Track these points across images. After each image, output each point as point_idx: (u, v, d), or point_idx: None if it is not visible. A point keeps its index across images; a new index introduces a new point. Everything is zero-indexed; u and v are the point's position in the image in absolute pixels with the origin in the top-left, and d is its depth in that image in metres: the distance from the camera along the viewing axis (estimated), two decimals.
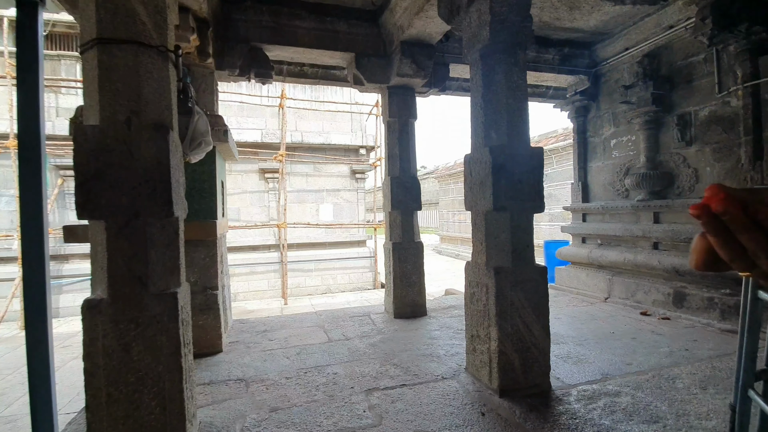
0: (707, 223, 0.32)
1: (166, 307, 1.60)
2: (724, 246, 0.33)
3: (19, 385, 4.55)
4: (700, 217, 0.33)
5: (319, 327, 3.60)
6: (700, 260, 0.35)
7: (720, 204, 0.31)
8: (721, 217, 0.32)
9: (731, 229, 0.32)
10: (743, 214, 0.31)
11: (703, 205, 0.32)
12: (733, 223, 0.31)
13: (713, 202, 0.32)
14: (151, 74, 1.62)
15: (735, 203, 0.31)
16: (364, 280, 10.00)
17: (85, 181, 1.50)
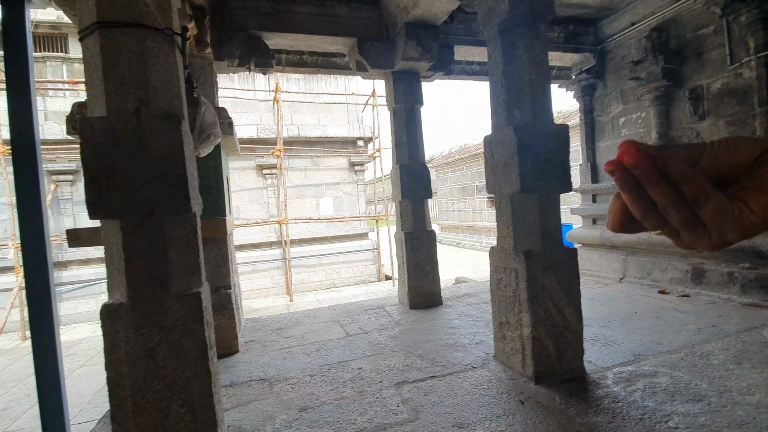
0: (620, 178, 0.33)
1: (190, 308, 1.50)
2: (636, 202, 0.33)
3: (25, 398, 4.44)
4: (614, 173, 0.33)
5: (334, 322, 3.52)
6: (615, 220, 0.36)
7: (631, 158, 0.32)
8: (633, 172, 0.32)
9: (643, 183, 0.32)
10: (653, 167, 0.32)
11: (617, 161, 0.32)
12: (644, 176, 0.32)
13: (625, 156, 0.32)
14: (157, 60, 1.50)
15: (645, 157, 0.32)
16: (368, 272, 9.93)
17: (96, 177, 1.39)
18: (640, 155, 0.32)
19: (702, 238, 0.33)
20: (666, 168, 0.32)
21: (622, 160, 0.32)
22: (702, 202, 0.32)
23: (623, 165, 0.32)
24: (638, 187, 0.33)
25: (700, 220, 0.32)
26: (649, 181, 0.32)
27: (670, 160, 0.32)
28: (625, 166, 0.32)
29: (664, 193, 0.32)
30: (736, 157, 0.33)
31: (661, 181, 0.32)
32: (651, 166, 0.32)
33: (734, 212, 0.32)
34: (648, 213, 0.33)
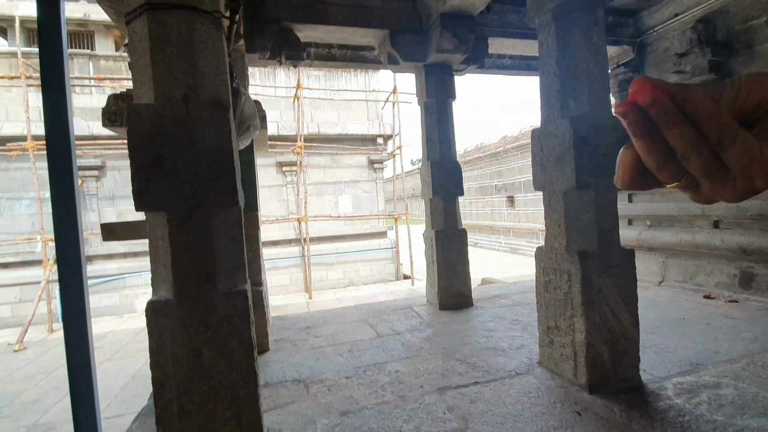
0: (633, 121, 0.29)
1: (237, 306, 1.43)
2: (652, 149, 0.30)
3: (54, 390, 4.49)
4: (627, 115, 0.29)
5: (363, 322, 3.44)
6: (626, 174, 0.33)
7: (648, 94, 0.27)
8: (649, 110, 0.28)
9: (660, 124, 0.28)
10: (672, 104, 0.28)
11: (630, 101, 0.28)
12: (662, 115, 0.28)
13: (639, 94, 0.28)
14: (206, 45, 1.42)
15: (663, 93, 0.27)
16: (386, 271, 9.85)
17: (142, 168, 1.32)
18: (656, 91, 0.28)
19: (726, 187, 0.30)
20: (686, 105, 0.28)
21: (636, 99, 0.28)
22: (727, 143, 0.27)
23: (637, 105, 0.28)
24: (653, 131, 0.29)
25: (724, 165, 0.29)
26: (668, 121, 0.28)
27: (689, 96, 0.28)
28: (639, 106, 0.28)
29: (684, 135, 0.28)
30: (760, 92, 0.28)
31: (681, 120, 0.28)
32: (670, 103, 0.28)
33: (763, 153, 0.28)
34: (664, 162, 0.30)
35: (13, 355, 5.79)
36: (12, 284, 7.44)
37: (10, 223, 7.52)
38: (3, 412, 3.93)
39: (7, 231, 7.47)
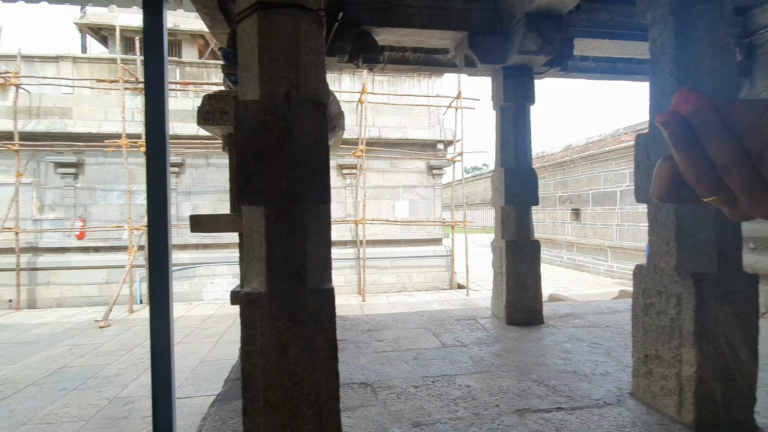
0: (675, 132, 0.29)
1: (323, 304, 1.41)
2: (691, 162, 0.29)
3: (133, 367, 4.87)
4: (669, 125, 0.29)
5: (425, 330, 3.35)
6: (662, 187, 0.32)
7: (691, 103, 0.28)
8: (692, 120, 0.28)
9: (701, 135, 0.28)
10: (716, 115, 0.27)
11: (673, 110, 0.28)
12: (704, 126, 0.28)
13: (683, 105, 0.28)
14: (308, 42, 1.44)
15: (708, 103, 0.27)
16: (440, 279, 9.66)
17: (245, 162, 1.35)
18: (701, 101, 0.27)
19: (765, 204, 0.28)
20: (729, 117, 0.27)
21: (679, 109, 0.28)
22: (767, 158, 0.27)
23: (680, 115, 0.28)
24: (694, 143, 0.29)
25: (764, 181, 0.27)
26: (710, 133, 0.28)
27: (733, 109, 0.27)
28: (682, 117, 0.28)
29: (725, 148, 0.27)
30: None
31: (723, 132, 0.27)
32: (713, 114, 0.27)
33: None
34: (703, 174, 0.29)
35: (99, 331, 6.40)
36: (100, 266, 8.26)
37: (103, 212, 8.38)
38: (88, 383, 4.33)
39: (99, 218, 8.34)
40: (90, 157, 8.28)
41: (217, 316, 7.30)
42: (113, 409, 3.68)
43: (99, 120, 8.31)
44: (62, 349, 5.47)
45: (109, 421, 3.43)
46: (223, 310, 7.80)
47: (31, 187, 8.07)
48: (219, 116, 2.51)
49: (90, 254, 8.30)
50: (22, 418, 3.49)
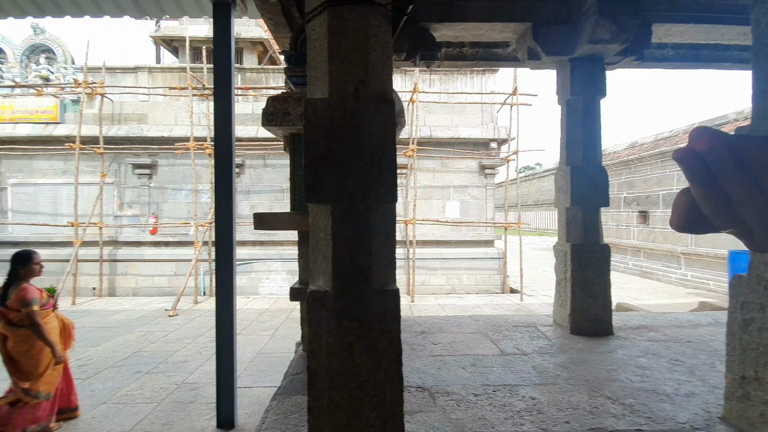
0: (690, 167, 0.30)
1: (388, 305, 1.38)
2: (707, 196, 0.31)
3: (198, 355, 5.18)
4: (684, 161, 0.30)
5: (482, 335, 3.22)
6: (681, 218, 0.34)
7: (705, 142, 0.29)
8: (707, 158, 0.29)
9: (716, 173, 0.29)
10: (729, 154, 0.29)
11: (687, 147, 0.30)
12: (718, 164, 0.29)
13: (698, 143, 0.30)
14: (377, 38, 1.41)
15: (720, 142, 0.29)
16: (491, 282, 9.35)
17: (314, 160, 1.36)
18: (714, 140, 0.29)
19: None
20: (743, 155, 0.28)
21: (694, 147, 0.30)
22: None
23: (695, 152, 0.30)
24: (710, 178, 0.30)
25: None
26: (724, 170, 0.29)
27: (747, 147, 0.29)
28: (696, 153, 0.30)
29: (739, 185, 0.29)
30: None
31: (737, 170, 0.29)
32: (726, 152, 0.29)
33: None
34: (719, 208, 0.30)
35: (168, 319, 6.92)
36: (169, 260, 8.93)
37: (172, 209, 9.05)
38: (159, 368, 4.67)
39: (169, 215, 9.02)
40: (162, 159, 8.99)
41: (272, 311, 7.60)
42: (181, 393, 3.94)
43: (170, 124, 9.00)
44: (137, 334, 5.97)
45: (178, 405, 3.68)
46: (277, 304, 8.12)
47: (112, 186, 8.92)
48: (282, 117, 2.58)
49: (161, 248, 9.01)
50: (102, 397, 3.83)
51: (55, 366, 3.11)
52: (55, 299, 3.34)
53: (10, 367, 3.04)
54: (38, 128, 8.86)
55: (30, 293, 3.02)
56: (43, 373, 3.07)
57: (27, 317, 2.98)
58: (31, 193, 8.96)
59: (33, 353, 3.05)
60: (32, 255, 3.16)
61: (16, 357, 3.03)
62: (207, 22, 10.07)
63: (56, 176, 8.90)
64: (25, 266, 3.09)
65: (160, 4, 3.74)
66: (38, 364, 3.05)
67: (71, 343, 3.41)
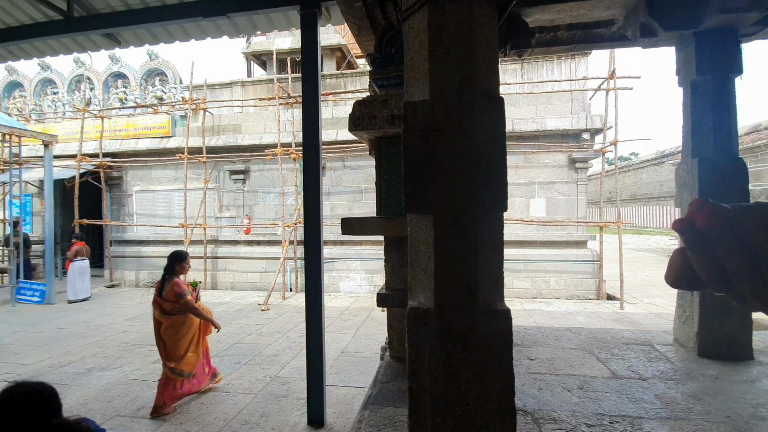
0: (689, 239, 0.32)
1: (498, 327, 1.24)
2: (704, 264, 0.32)
3: (287, 349, 5.47)
4: (684, 233, 0.32)
5: (586, 351, 2.89)
6: (676, 276, 0.36)
7: (705, 218, 0.31)
8: (705, 232, 0.31)
9: (714, 246, 0.31)
10: (729, 231, 0.30)
11: (687, 219, 0.32)
12: (717, 239, 0.31)
13: (698, 217, 0.31)
14: (482, 30, 1.27)
15: (721, 219, 0.31)
16: (583, 287, 8.54)
17: (414, 167, 1.27)
18: (714, 217, 0.31)
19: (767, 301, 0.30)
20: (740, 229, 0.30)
21: (694, 220, 0.32)
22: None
23: (694, 224, 0.32)
24: (707, 249, 0.31)
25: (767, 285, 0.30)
26: (722, 245, 0.30)
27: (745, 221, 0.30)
28: (695, 226, 0.31)
29: (735, 259, 0.30)
30: None
31: (735, 246, 0.30)
32: (725, 228, 0.30)
33: None
34: (715, 276, 0.31)
35: (261, 313, 7.46)
36: (260, 257, 9.66)
37: (262, 211, 9.77)
38: (255, 360, 5.01)
39: (260, 217, 9.75)
40: (254, 165, 9.75)
41: (352, 309, 7.80)
42: (274, 386, 4.18)
43: (260, 133, 9.71)
44: (235, 326, 6.52)
45: (272, 398, 3.89)
46: (357, 303, 8.31)
47: (213, 191, 9.90)
48: (368, 121, 2.55)
49: (253, 246, 9.78)
50: None
51: (193, 350, 3.73)
52: (197, 291, 3.98)
53: (161, 349, 3.66)
54: (155, 142, 10.18)
55: (182, 287, 3.63)
56: (184, 356, 3.66)
57: (185, 306, 3.61)
58: (150, 198, 10.34)
59: (177, 338, 3.64)
60: (186, 256, 3.81)
61: (166, 340, 3.64)
62: (291, 34, 10.68)
63: (169, 183, 10.15)
64: (180, 264, 3.72)
65: (252, 21, 3.99)
66: (180, 347, 3.65)
67: (210, 329, 4.00)
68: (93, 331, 6.29)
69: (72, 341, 5.80)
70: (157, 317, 3.64)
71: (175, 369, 3.60)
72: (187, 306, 3.60)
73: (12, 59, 4.73)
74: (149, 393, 4.03)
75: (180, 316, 3.61)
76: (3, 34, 4.08)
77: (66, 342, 5.77)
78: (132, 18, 3.84)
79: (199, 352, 3.83)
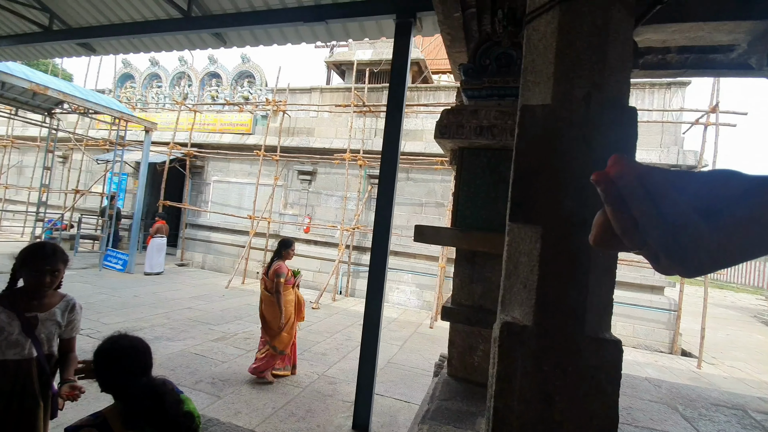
0: (604, 190, 0.33)
1: (606, 360, 1.11)
2: (618, 217, 0.33)
3: (335, 350, 5.50)
4: (599, 184, 0.33)
5: (669, 407, 2.56)
6: (597, 234, 0.36)
7: (618, 169, 0.32)
8: (617, 183, 0.32)
9: (625, 197, 0.32)
10: (638, 182, 0.31)
11: (604, 171, 0.33)
12: (627, 190, 0.32)
13: (612, 168, 0.32)
14: (617, 35, 1.18)
15: (631, 171, 0.31)
16: (654, 338, 7.72)
17: (524, 174, 1.20)
18: (626, 168, 0.32)
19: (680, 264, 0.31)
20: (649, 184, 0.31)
21: (609, 172, 0.32)
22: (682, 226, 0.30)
23: (609, 176, 0.32)
24: (621, 201, 0.32)
25: (679, 245, 0.31)
26: (632, 196, 0.31)
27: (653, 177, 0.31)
28: (610, 178, 0.32)
29: (643, 210, 0.31)
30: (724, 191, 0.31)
31: (644, 198, 0.31)
32: (635, 181, 0.31)
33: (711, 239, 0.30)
34: (628, 230, 0.32)
35: (312, 311, 7.61)
36: (316, 257, 9.92)
37: (323, 212, 10.07)
38: (304, 356, 5.09)
39: (320, 218, 10.05)
40: (321, 167, 10.11)
41: (400, 321, 7.70)
42: (321, 384, 4.20)
43: (330, 137, 10.08)
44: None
45: (319, 395, 3.91)
46: (405, 315, 8.21)
47: (281, 188, 10.41)
48: (455, 130, 2.51)
49: (311, 246, 10.08)
50: None
51: (287, 330, 4.11)
52: (297, 279, 4.40)
53: (262, 323, 4.13)
54: (236, 138, 10.97)
55: (282, 269, 4.09)
56: (278, 334, 4.06)
57: (275, 285, 4.04)
58: (225, 189, 11.11)
59: (273, 315, 4.05)
60: (292, 243, 4.35)
61: (265, 315, 4.09)
62: (372, 47, 11.06)
63: (244, 177, 10.85)
64: (286, 250, 4.26)
65: (346, 28, 4.16)
66: (275, 325, 4.05)
67: (302, 316, 4.43)
68: (162, 303, 6.81)
69: (144, 309, 6.33)
70: (261, 294, 4.15)
71: (270, 342, 4.04)
72: (275, 286, 4.02)
73: (134, 51, 5.37)
74: (207, 368, 4.25)
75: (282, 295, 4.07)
76: (132, 28, 4.65)
77: (139, 309, 6.30)
78: (239, 20, 4.18)
79: (292, 333, 4.21)
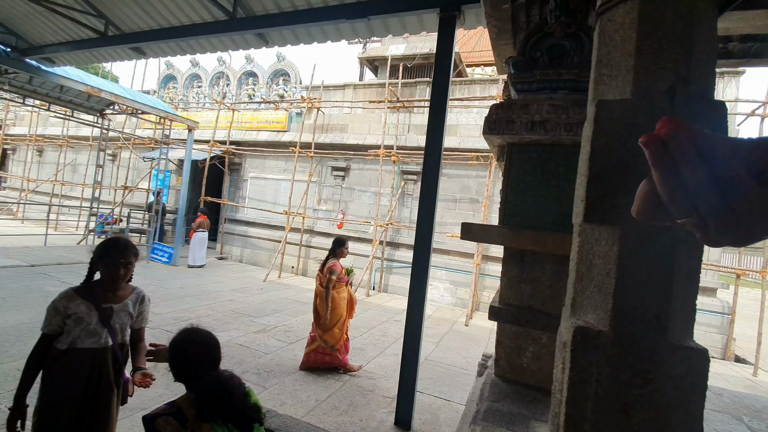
0: (653, 152, 0.31)
1: (691, 368, 1.06)
2: (666, 181, 0.31)
3: (371, 346, 5.55)
4: (648, 146, 0.31)
5: (732, 416, 2.41)
6: (641, 205, 0.35)
7: (670, 129, 0.30)
8: (668, 144, 0.30)
9: (676, 159, 0.30)
10: (691, 143, 0.30)
11: (654, 134, 0.31)
12: (679, 150, 0.30)
13: (664, 129, 0.30)
14: (702, 25, 1.11)
15: (683, 131, 0.30)
16: (706, 342, 7.27)
17: (602, 173, 1.15)
18: (679, 129, 0.30)
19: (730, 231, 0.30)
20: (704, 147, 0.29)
21: (660, 133, 0.31)
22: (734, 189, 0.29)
23: (660, 138, 0.31)
24: (670, 164, 0.30)
25: (731, 210, 0.29)
26: (683, 156, 0.30)
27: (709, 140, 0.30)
28: (661, 140, 0.30)
29: (695, 173, 0.29)
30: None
31: (696, 158, 0.29)
32: (686, 142, 0.30)
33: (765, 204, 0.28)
34: (676, 195, 0.31)
35: None
36: (349, 252, 10.01)
37: (357, 208, 10.15)
38: None
39: (353, 213, 10.14)
40: (354, 164, 10.18)
41: (434, 318, 7.67)
42: (361, 380, 4.25)
43: (364, 134, 10.12)
44: None
45: (359, 390, 3.96)
46: (439, 312, 8.16)
47: (315, 184, 10.57)
48: (504, 125, 2.46)
49: None
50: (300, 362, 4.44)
51: (339, 327, 4.22)
52: (350, 278, 4.52)
53: (315, 318, 4.28)
54: (272, 135, 11.23)
55: (336, 267, 4.22)
56: (329, 329, 4.18)
57: (326, 282, 4.17)
58: (261, 185, 11.42)
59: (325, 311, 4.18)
60: (346, 241, 4.48)
61: (318, 310, 4.25)
62: (405, 41, 10.98)
63: (279, 173, 11.10)
64: (340, 248, 4.37)
65: (386, 24, 4.14)
66: (326, 321, 4.17)
67: (353, 314, 4.52)
68: (206, 295, 7.10)
69: (190, 300, 6.62)
70: (316, 289, 4.30)
71: (321, 337, 4.16)
72: (326, 282, 4.14)
73: (180, 54, 5.59)
74: (252, 359, 4.39)
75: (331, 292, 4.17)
76: (179, 31, 4.83)
77: (185, 300, 6.61)
78: (282, 20, 4.25)
79: (344, 330, 4.30)
